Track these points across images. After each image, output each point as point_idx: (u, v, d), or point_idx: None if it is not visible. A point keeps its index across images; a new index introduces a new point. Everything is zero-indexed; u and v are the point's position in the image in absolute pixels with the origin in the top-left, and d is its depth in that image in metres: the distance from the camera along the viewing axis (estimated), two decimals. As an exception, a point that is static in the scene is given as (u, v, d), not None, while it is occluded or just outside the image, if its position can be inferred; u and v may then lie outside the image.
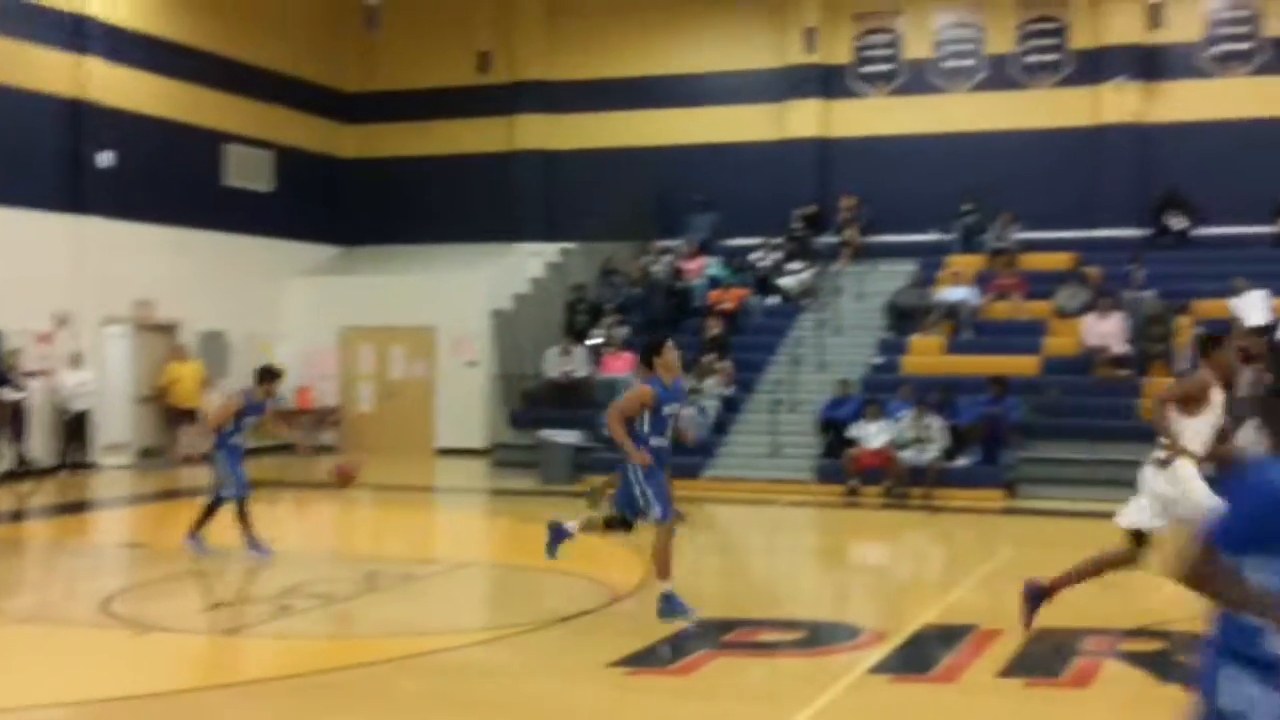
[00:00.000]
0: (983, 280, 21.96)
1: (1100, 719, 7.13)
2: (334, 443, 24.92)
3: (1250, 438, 16.01)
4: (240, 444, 12.24)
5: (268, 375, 12.46)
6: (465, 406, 23.94)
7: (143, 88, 22.34)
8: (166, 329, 22.54)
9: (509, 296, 24.25)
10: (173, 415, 21.98)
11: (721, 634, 8.84)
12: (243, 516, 11.94)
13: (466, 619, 10.34)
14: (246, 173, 24.78)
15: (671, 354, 9.47)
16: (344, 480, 12.13)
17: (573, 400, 21.32)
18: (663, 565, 9.15)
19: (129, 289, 21.68)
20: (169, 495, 18.45)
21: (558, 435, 19.96)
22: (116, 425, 21.69)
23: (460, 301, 24.24)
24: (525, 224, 26.22)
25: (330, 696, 7.44)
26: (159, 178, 22.44)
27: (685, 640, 8.64)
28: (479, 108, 26.47)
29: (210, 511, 12.18)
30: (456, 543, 11.39)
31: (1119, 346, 19.38)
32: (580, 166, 26.07)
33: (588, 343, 22.23)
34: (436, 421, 24.31)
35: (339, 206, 27.12)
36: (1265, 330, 18.72)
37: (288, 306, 25.31)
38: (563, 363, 21.79)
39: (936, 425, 17.85)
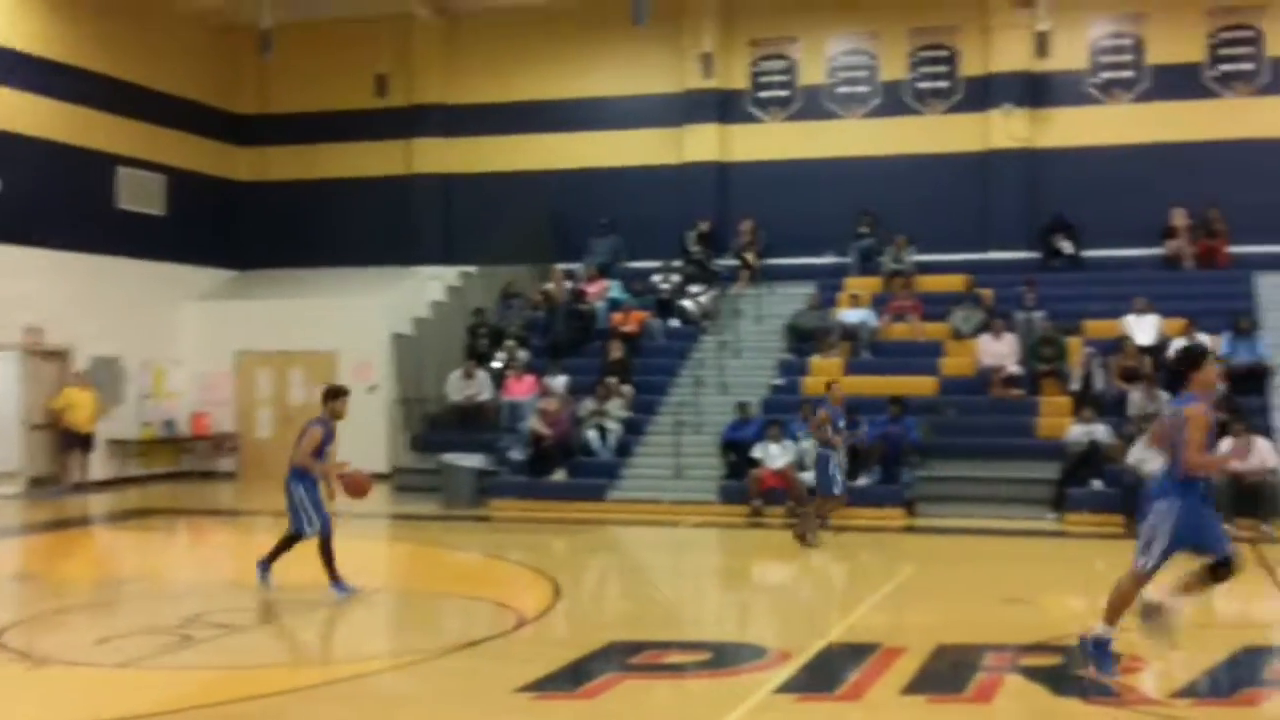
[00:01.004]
0: (880, 302, 22.31)
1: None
2: (231, 469, 24.57)
3: (1140, 454, 16.47)
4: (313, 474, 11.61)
5: (333, 394, 11.66)
6: (366, 431, 23.61)
7: (31, 110, 21.90)
8: (57, 354, 22.07)
9: (409, 320, 24.12)
10: (67, 441, 21.52)
11: (628, 656, 8.86)
12: (325, 553, 11.34)
13: (372, 646, 10.25)
14: (139, 196, 24.36)
15: None
16: (356, 491, 11.67)
17: (475, 424, 21.26)
18: None
19: (18, 314, 21.21)
20: (61, 525, 18.05)
21: (461, 459, 19.87)
22: (5, 453, 21.17)
23: (359, 325, 24.04)
24: (424, 247, 26.10)
25: (234, 728, 7.33)
26: (49, 201, 22.00)
27: (590, 664, 8.64)
28: (376, 131, 26.32)
29: (288, 545, 11.62)
30: (359, 569, 11.28)
31: (1012, 366, 19.79)
32: (479, 190, 26.02)
33: (490, 366, 22.17)
34: (337, 446, 23.99)
35: (234, 230, 26.78)
36: (1154, 350, 19.23)
37: (182, 331, 24.91)
38: (465, 386, 21.70)
39: (836, 445, 18.04)
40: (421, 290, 25.04)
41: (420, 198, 26.37)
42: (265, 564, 11.57)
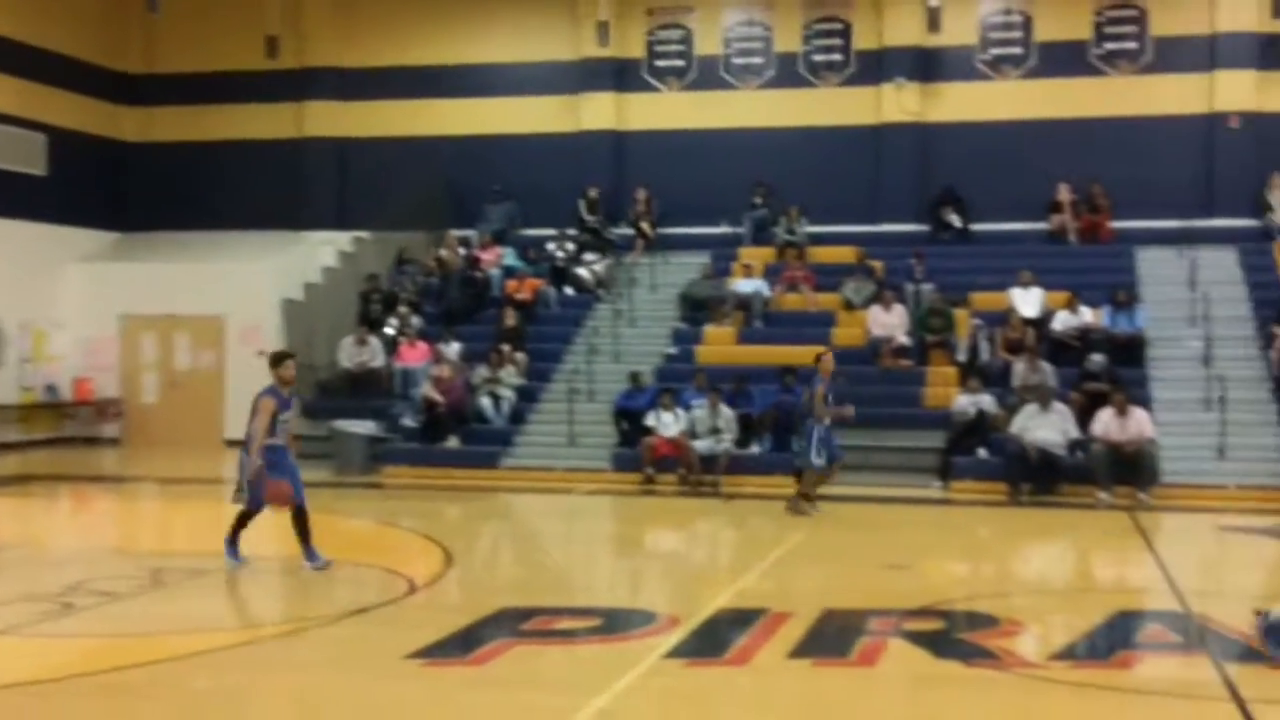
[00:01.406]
0: (773, 272, 22.49)
1: (883, 696, 7.41)
2: (116, 435, 24.09)
3: (1024, 423, 16.84)
4: (275, 444, 10.76)
5: (276, 360, 10.93)
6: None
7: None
8: (-68, 318, 21.44)
9: (300, 285, 23.80)
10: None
11: (519, 622, 8.89)
12: (241, 522, 10.83)
13: (261, 613, 10.16)
14: (17, 155, 23.67)
15: None
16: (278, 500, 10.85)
17: (368, 390, 21.07)
18: None
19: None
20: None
21: (353, 426, 19.69)
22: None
23: (249, 290, 23.66)
24: (316, 212, 25.74)
25: (117, 697, 7.22)
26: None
27: (482, 630, 8.65)
28: (267, 93, 25.87)
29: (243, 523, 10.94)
30: (248, 536, 11.14)
31: (902, 337, 20.09)
32: (373, 155, 25.72)
33: (383, 332, 21.97)
34: (226, 412, 23.66)
35: (119, 191, 26.17)
36: (1038, 323, 19.65)
37: (65, 293, 24.32)
38: (357, 353, 21.48)
39: (729, 414, 18.22)
40: (313, 255, 24.70)
41: (312, 162, 25.98)
42: (231, 542, 10.93)
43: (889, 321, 20.25)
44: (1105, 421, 16.68)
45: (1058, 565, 13.36)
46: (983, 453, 17.62)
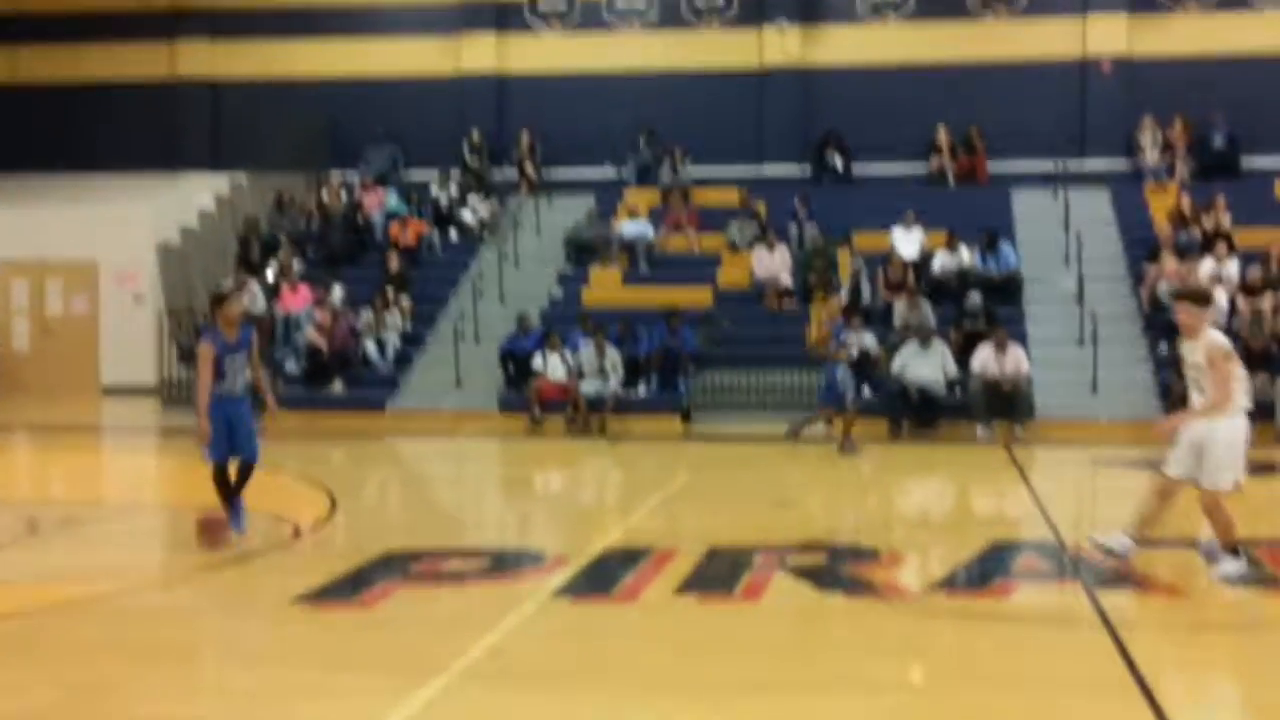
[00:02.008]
0: (657, 215, 22.53)
1: (768, 629, 7.53)
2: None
3: (904, 362, 17.14)
4: (231, 393, 9.52)
5: (216, 301, 9.58)
6: (132, 343, 22.85)
7: None
8: None
9: (176, 229, 23.28)
10: None
11: (406, 565, 8.87)
12: (222, 482, 9.60)
13: (141, 562, 9.99)
14: (-123, 95, 22.77)
15: None
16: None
17: (247, 337, 20.70)
18: None
19: None
20: None
21: (232, 373, 19.35)
22: None
23: (123, 234, 23.06)
24: (191, 154, 25.20)
25: (-6, 647, 7.08)
26: None
27: (368, 574, 8.62)
28: (138, 32, 25.17)
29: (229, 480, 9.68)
30: (126, 484, 10.94)
31: (785, 278, 20.28)
32: (250, 96, 25.20)
33: (263, 277, 21.60)
34: (101, 359, 23.15)
35: (-16, 133, 25.33)
36: (917, 263, 19.96)
37: (-73, 240, 23.49)
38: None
39: (615, 356, 18.28)
40: (189, 198, 24.15)
41: (186, 103, 25.39)
42: (232, 509, 9.66)
43: (773, 263, 20.43)
44: (982, 359, 17.05)
45: (937, 499, 13.66)
46: (865, 391, 17.90)
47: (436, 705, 5.85)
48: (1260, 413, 16.67)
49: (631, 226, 21.96)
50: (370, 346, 19.85)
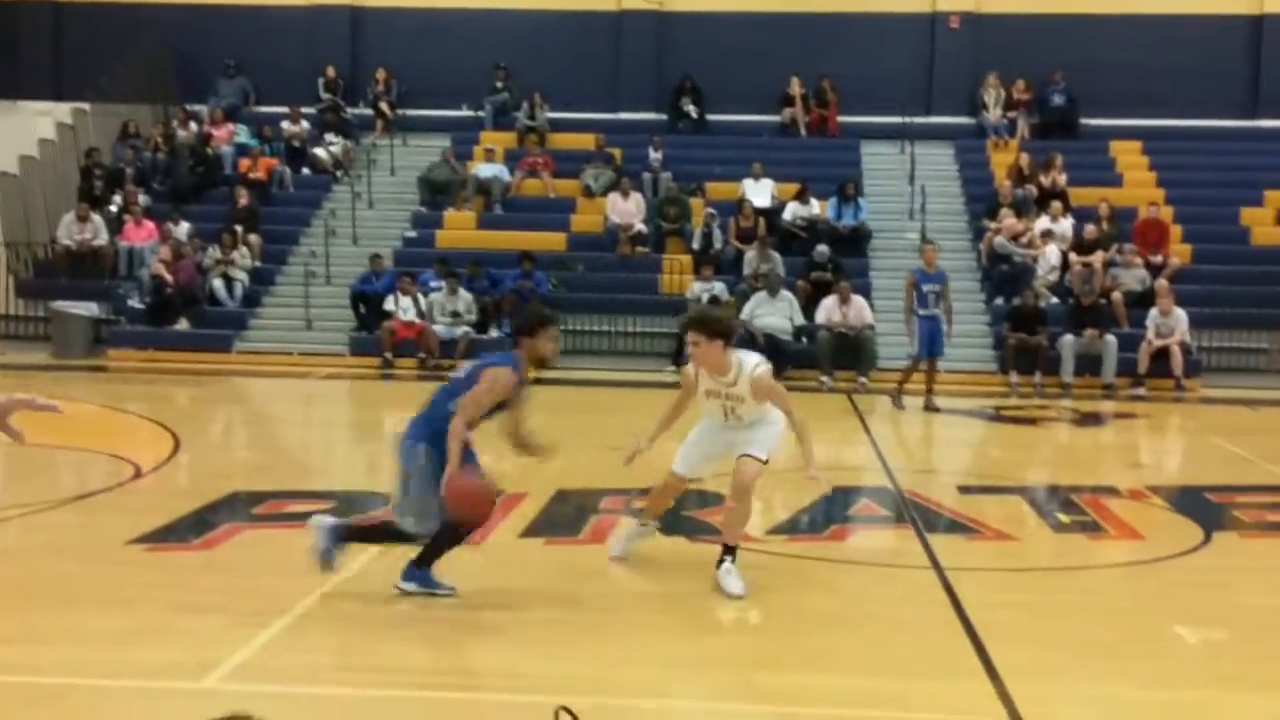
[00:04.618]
0: (514, 158, 22.45)
1: (611, 571, 7.68)
2: None
3: (753, 310, 17.42)
4: None
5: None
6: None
7: None
8: None
9: (14, 158, 22.45)
10: None
11: (250, 507, 8.83)
12: None
13: (-27, 502, 9.76)
14: None
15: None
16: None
17: (90, 270, 20.19)
18: None
19: None
20: None
21: (73, 307, 18.89)
22: None
23: (-45, 163, 22.20)
24: (31, 81, 24.30)
25: None
26: None
27: (211, 515, 8.57)
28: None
29: None
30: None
31: (639, 225, 20.41)
32: (93, 20, 24.37)
33: (106, 210, 21.01)
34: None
35: None
36: (768, 213, 20.25)
37: None
38: (78, 230, 20.52)
39: (463, 298, 18.25)
40: (29, 126, 23.30)
41: (26, 25, 24.48)
42: None
43: (627, 209, 20.54)
44: (829, 309, 17.44)
45: (780, 445, 13.95)
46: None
47: (275, 647, 5.89)
48: (1089, 366, 17.45)
49: (487, 169, 21.85)
50: (217, 284, 19.49)
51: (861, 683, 5.67)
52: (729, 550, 7.14)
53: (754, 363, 7.18)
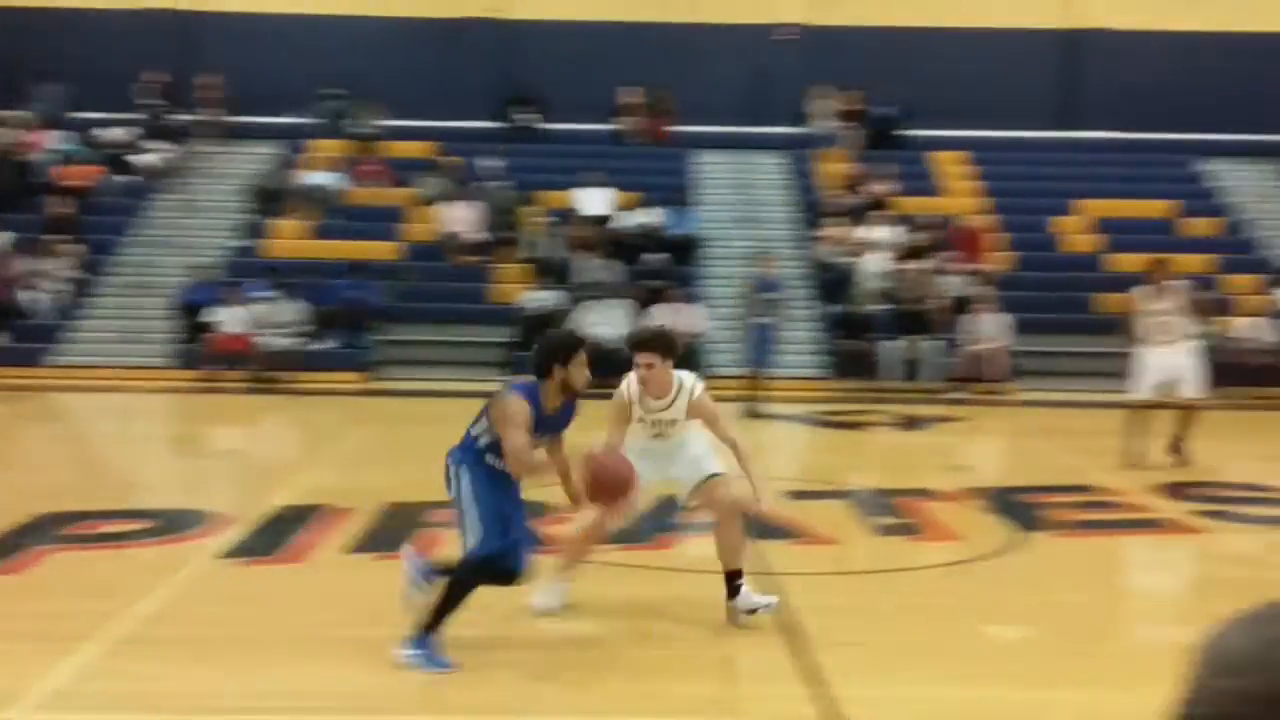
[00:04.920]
0: (346, 166, 22.13)
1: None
2: None
3: (587, 319, 17.47)
4: None
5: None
6: None
7: None
8: None
9: None
10: None
11: (61, 528, 8.53)
12: None
13: None
14: None
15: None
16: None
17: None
18: None
19: None
20: None
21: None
22: None
23: None
24: None
25: None
26: None
27: (19, 537, 8.26)
28: None
29: None
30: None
31: (473, 233, 20.31)
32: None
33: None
34: None
35: None
36: (603, 221, 20.33)
37: None
38: (-119, 241, 19.60)
39: (295, 308, 17.94)
40: None
41: None
42: None
43: (461, 217, 20.41)
44: (660, 316, 17.55)
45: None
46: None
47: (88, 674, 5.70)
48: (912, 370, 17.92)
49: (318, 176, 21.50)
50: (31, 296, 18.79)
51: (685, 688, 5.71)
52: (737, 574, 6.67)
53: (692, 381, 6.70)
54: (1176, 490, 10.75)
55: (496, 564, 5.87)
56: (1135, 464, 11.56)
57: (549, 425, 6.09)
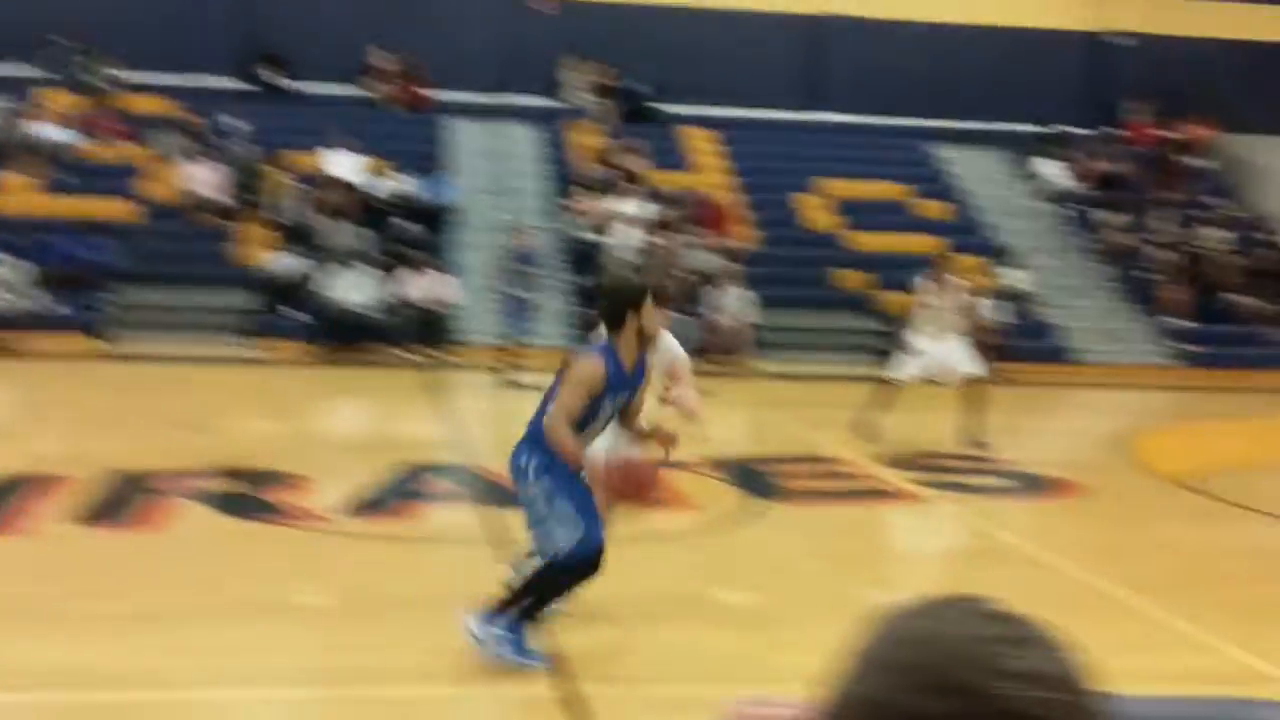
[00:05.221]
0: (80, 120, 21.07)
1: (166, 556, 7.40)
2: None
3: (334, 284, 17.14)
4: None
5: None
6: None
7: None
8: None
9: None
10: None
11: None
12: None
13: None
14: None
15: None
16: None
17: None
18: None
19: None
20: None
21: None
22: None
23: None
24: None
25: None
26: None
27: None
28: None
29: None
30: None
31: (216, 194, 19.65)
32: None
33: None
34: None
35: None
36: (352, 186, 19.95)
37: None
38: None
39: (22, 268, 17.06)
40: None
41: None
42: None
43: (203, 177, 19.73)
44: (408, 284, 17.40)
45: (353, 422, 13.88)
46: (293, 313, 17.77)
47: None
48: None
49: (53, 131, 20.39)
50: None
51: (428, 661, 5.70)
52: None
53: (670, 339, 6.41)
54: (903, 461, 11.24)
55: (598, 557, 5.57)
56: (869, 436, 11.94)
57: (630, 383, 5.71)
